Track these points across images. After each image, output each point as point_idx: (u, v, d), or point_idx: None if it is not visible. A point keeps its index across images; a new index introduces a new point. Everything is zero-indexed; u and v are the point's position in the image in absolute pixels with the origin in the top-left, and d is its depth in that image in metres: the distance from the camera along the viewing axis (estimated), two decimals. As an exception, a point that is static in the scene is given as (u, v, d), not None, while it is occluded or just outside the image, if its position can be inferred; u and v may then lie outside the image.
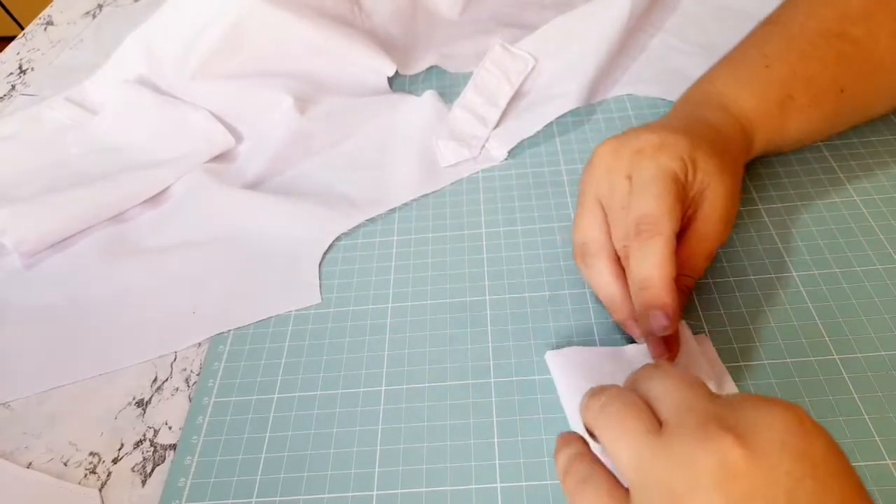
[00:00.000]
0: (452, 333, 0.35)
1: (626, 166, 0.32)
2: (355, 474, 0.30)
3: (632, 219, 0.31)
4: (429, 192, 0.43)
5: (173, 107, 0.49)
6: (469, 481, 0.30)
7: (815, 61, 0.37)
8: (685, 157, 0.32)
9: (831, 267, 0.35)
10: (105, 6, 0.70)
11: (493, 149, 0.45)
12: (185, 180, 0.46)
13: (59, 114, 0.52)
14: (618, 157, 0.33)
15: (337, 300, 0.38)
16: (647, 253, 0.29)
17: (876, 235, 0.36)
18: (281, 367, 0.35)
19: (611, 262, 0.33)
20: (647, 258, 0.29)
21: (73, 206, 0.43)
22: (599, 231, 0.33)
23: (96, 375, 0.36)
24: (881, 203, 0.38)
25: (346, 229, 0.42)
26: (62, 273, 0.42)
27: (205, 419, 0.33)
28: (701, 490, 0.20)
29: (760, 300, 0.34)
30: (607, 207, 0.33)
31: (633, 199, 0.31)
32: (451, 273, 0.38)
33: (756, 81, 0.37)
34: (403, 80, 0.53)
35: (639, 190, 0.31)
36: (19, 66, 0.63)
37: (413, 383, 0.33)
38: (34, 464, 0.33)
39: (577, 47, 0.49)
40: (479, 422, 0.32)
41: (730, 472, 0.19)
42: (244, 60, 0.50)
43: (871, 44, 0.37)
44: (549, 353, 0.33)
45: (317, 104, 0.49)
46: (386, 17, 0.55)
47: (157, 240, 0.43)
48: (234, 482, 0.31)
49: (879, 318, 0.33)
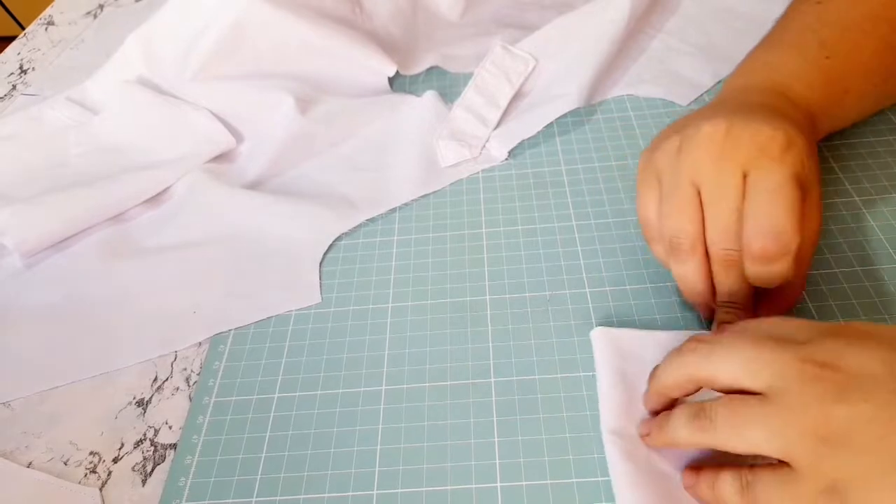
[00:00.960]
0: (452, 333, 0.35)
1: (743, 161, 0.29)
2: (355, 474, 0.30)
3: (753, 230, 0.28)
4: (429, 192, 0.44)
5: (174, 107, 0.50)
6: (469, 481, 0.30)
7: (868, 51, 0.36)
8: (805, 160, 0.29)
9: (831, 267, 0.35)
10: (106, 6, 0.70)
11: (493, 149, 0.45)
12: (186, 180, 0.46)
13: (60, 114, 0.52)
14: (734, 148, 0.30)
15: (337, 300, 0.38)
16: (774, 275, 0.29)
17: (876, 235, 0.36)
18: (281, 367, 0.35)
19: (704, 261, 0.31)
20: (774, 281, 0.29)
21: (73, 206, 0.43)
22: (695, 225, 0.30)
23: (96, 375, 0.36)
24: (881, 203, 0.38)
25: (346, 229, 0.42)
26: (62, 273, 0.42)
27: (205, 419, 0.33)
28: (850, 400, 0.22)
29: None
30: (708, 201, 0.30)
31: (754, 206, 0.29)
32: (451, 273, 0.38)
33: (819, 74, 0.36)
34: (404, 81, 0.53)
35: (764, 198, 0.28)
36: (20, 65, 0.63)
37: (413, 383, 0.33)
38: (34, 463, 0.33)
39: (578, 48, 0.49)
40: (479, 421, 0.32)
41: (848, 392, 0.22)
42: (245, 61, 0.50)
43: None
44: (594, 331, 0.33)
45: (317, 104, 0.49)
46: (387, 17, 0.55)
47: (157, 240, 0.43)
48: (235, 482, 0.31)
49: (879, 318, 0.33)
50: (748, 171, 0.29)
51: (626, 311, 0.35)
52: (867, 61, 0.36)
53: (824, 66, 0.36)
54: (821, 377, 0.22)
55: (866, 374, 0.22)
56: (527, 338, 0.35)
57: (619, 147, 0.44)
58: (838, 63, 0.36)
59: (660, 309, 0.35)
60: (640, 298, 0.35)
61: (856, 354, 0.23)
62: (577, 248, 0.38)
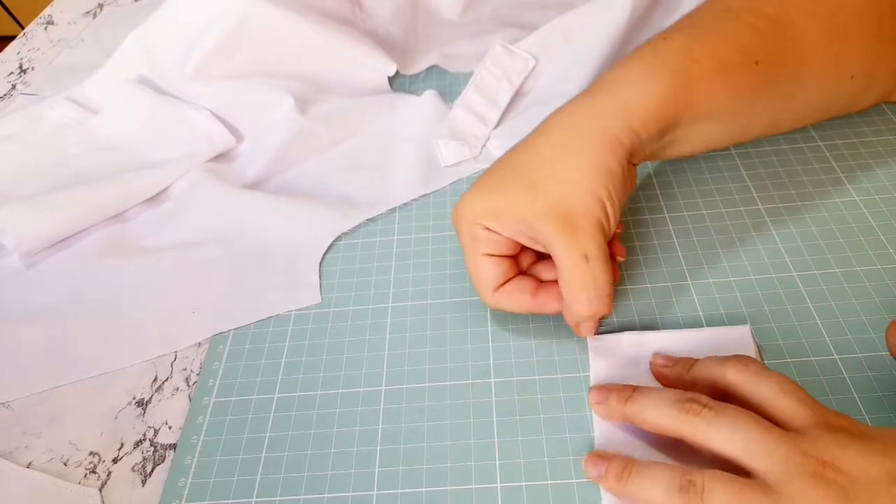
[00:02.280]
0: (452, 333, 0.35)
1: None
2: (355, 474, 0.30)
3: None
4: (429, 191, 0.43)
5: (174, 106, 0.49)
6: (469, 481, 0.30)
7: (720, 32, 0.33)
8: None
9: (831, 267, 0.35)
10: (105, 6, 0.70)
11: (493, 148, 0.45)
12: (186, 180, 0.46)
13: (60, 113, 0.52)
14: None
15: (337, 300, 0.38)
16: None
17: (876, 235, 0.36)
18: (281, 367, 0.35)
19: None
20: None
21: (73, 205, 0.43)
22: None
23: (96, 375, 0.36)
24: (881, 203, 0.38)
25: (346, 229, 0.42)
26: (62, 273, 0.42)
27: (205, 419, 0.33)
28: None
29: (761, 300, 0.34)
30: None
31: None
32: (451, 273, 0.38)
33: (650, 55, 0.33)
34: (404, 80, 0.53)
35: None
36: (20, 65, 0.63)
37: (413, 383, 0.33)
38: (34, 463, 0.33)
39: (578, 48, 0.49)
40: (479, 421, 0.32)
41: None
42: (245, 60, 0.50)
43: (786, 21, 0.34)
44: (590, 340, 0.34)
45: (317, 104, 0.49)
46: (387, 17, 0.55)
47: (157, 239, 0.43)
48: (235, 482, 0.31)
49: (879, 318, 0.33)
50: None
51: (626, 311, 0.35)
52: (722, 40, 0.33)
53: (659, 45, 0.33)
54: (823, 476, 0.23)
55: (869, 480, 0.23)
56: (527, 338, 0.35)
57: (620, 147, 0.44)
58: (677, 41, 0.33)
59: (660, 309, 0.35)
60: (641, 298, 0.35)
61: (857, 458, 0.23)
62: (577, 248, 0.38)
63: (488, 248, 0.32)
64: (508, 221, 0.31)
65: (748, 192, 0.40)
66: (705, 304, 0.35)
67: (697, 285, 0.35)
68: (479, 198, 0.32)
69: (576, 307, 0.31)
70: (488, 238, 0.32)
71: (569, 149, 0.31)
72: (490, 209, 0.32)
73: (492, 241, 0.32)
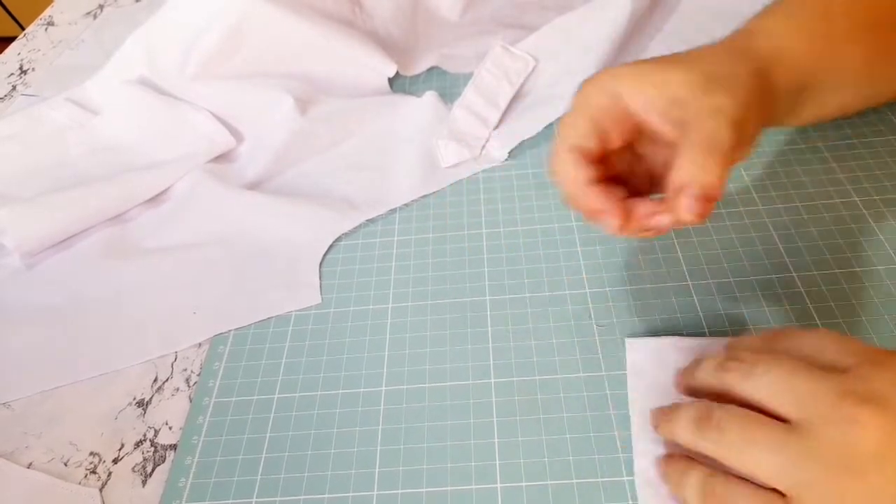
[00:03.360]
0: (452, 333, 0.35)
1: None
2: (356, 474, 0.30)
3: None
4: (429, 192, 0.43)
5: (174, 107, 0.50)
6: (469, 481, 0.30)
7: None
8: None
9: (831, 267, 0.35)
10: (106, 7, 0.70)
11: (493, 149, 0.45)
12: (186, 180, 0.46)
13: (60, 114, 0.52)
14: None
15: (337, 300, 0.38)
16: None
17: (876, 235, 0.36)
18: (281, 368, 0.35)
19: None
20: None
21: (73, 206, 0.43)
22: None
23: (97, 375, 0.36)
24: (881, 203, 0.38)
25: (346, 230, 0.42)
26: (62, 273, 0.42)
27: (205, 419, 0.33)
28: (868, 473, 0.20)
29: (760, 300, 0.34)
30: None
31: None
32: (451, 273, 0.38)
33: (785, 13, 0.32)
34: (404, 81, 0.53)
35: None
36: (20, 66, 0.63)
37: (413, 383, 0.33)
38: (34, 464, 0.33)
39: (578, 48, 0.49)
40: (479, 422, 0.32)
41: (884, 447, 0.20)
42: (245, 61, 0.50)
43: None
44: (629, 341, 0.33)
45: (317, 105, 0.49)
46: (387, 17, 0.55)
47: (157, 240, 0.43)
48: (235, 482, 0.31)
49: (879, 318, 0.33)
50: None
51: (626, 311, 0.35)
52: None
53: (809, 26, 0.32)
54: (857, 420, 0.21)
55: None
56: (527, 338, 0.35)
57: (619, 147, 0.44)
58: (824, 26, 0.32)
59: (660, 309, 0.35)
60: (641, 299, 0.35)
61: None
62: (577, 249, 0.38)
63: (591, 127, 0.29)
64: (648, 87, 0.28)
65: (748, 192, 0.40)
66: (705, 305, 0.35)
67: (697, 286, 0.35)
68: (621, 68, 0.29)
69: (695, 166, 0.26)
70: (601, 113, 0.29)
71: (719, 58, 0.29)
72: (632, 73, 0.29)
73: (603, 118, 0.29)
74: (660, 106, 0.28)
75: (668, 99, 0.28)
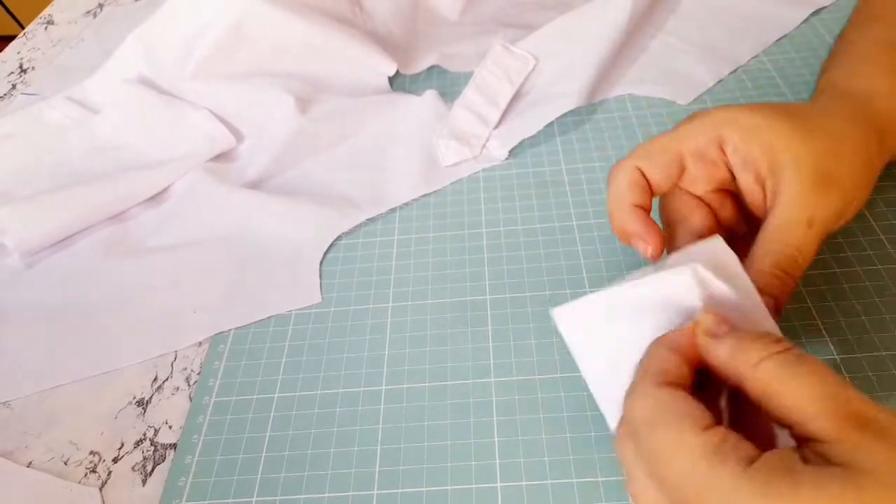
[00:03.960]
0: (452, 333, 0.35)
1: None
2: (356, 473, 0.30)
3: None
4: (429, 191, 0.43)
5: (174, 106, 0.50)
6: (469, 480, 0.30)
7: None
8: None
9: (831, 267, 0.35)
10: (106, 5, 0.70)
11: (493, 148, 0.45)
12: (186, 179, 0.46)
13: (60, 113, 0.52)
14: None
15: (337, 299, 0.38)
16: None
17: (876, 235, 0.36)
18: (281, 367, 0.35)
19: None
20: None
21: (73, 205, 0.43)
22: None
23: (97, 374, 0.36)
24: (881, 203, 0.38)
25: (346, 229, 0.42)
26: (62, 272, 0.42)
27: (205, 418, 0.33)
28: None
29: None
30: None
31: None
32: (451, 273, 0.38)
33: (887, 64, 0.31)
34: (404, 80, 0.53)
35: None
36: (20, 65, 0.63)
37: (413, 383, 0.33)
38: (34, 463, 0.33)
39: (578, 47, 0.49)
40: (479, 421, 0.32)
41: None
42: (245, 60, 0.50)
43: None
44: (556, 311, 0.25)
45: (318, 104, 0.49)
46: (387, 16, 0.55)
47: (157, 239, 0.43)
48: (235, 481, 0.31)
49: (879, 318, 0.33)
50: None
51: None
52: None
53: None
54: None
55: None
56: (527, 338, 0.35)
57: (620, 146, 0.44)
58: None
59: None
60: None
61: None
62: (577, 248, 0.38)
63: (671, 159, 0.27)
64: (750, 139, 0.26)
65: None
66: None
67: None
68: (731, 108, 0.27)
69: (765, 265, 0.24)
70: (685, 147, 0.27)
71: (841, 115, 0.28)
72: (737, 118, 0.26)
73: (693, 159, 0.27)
74: (755, 159, 0.26)
75: (769, 156, 0.26)
